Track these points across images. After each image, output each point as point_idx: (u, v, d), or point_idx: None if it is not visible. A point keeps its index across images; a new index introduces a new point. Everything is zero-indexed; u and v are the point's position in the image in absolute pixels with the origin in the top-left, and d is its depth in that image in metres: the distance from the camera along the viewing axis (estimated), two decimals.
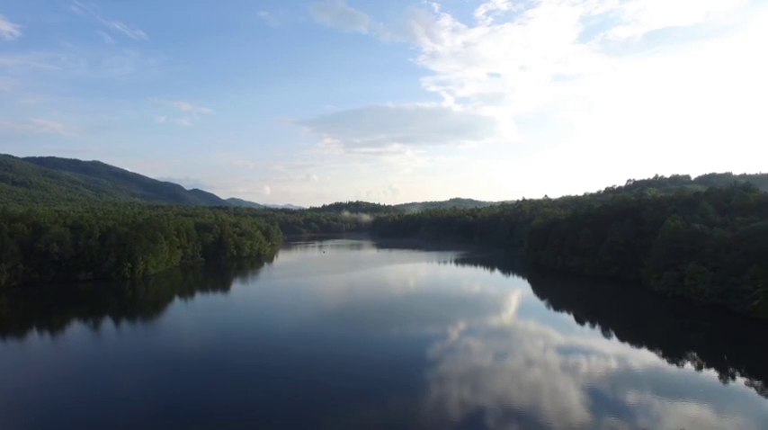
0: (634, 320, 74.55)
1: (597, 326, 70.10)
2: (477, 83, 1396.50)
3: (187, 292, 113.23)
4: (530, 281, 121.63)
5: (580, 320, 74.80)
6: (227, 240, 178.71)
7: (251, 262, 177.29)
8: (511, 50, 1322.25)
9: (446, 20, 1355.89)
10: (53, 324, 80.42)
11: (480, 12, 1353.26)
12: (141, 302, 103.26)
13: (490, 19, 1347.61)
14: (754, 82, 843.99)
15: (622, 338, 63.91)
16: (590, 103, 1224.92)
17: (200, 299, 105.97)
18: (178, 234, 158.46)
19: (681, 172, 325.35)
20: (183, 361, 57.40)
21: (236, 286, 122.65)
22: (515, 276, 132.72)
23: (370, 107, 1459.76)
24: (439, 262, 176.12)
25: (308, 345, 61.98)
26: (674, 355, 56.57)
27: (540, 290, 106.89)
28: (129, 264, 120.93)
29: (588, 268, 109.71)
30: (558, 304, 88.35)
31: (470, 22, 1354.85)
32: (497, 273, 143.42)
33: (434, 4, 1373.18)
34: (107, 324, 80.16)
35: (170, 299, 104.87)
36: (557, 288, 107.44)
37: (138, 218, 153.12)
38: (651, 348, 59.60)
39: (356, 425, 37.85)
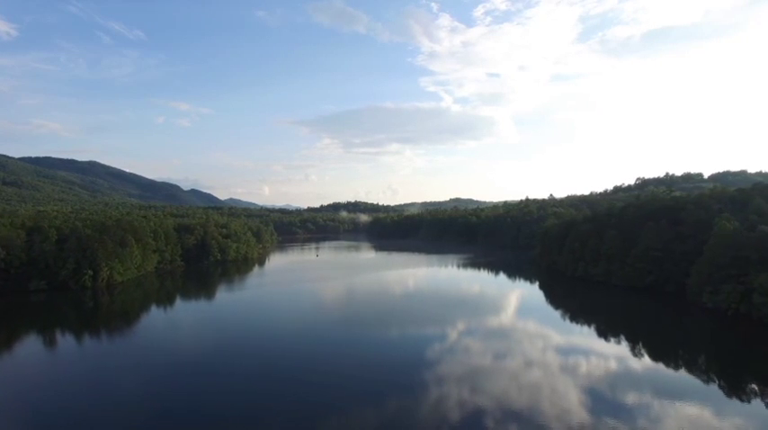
0: (689, 345, 59.98)
1: (646, 352, 55.36)
2: (476, 83, 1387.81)
3: (157, 303, 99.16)
4: (547, 291, 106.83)
5: (621, 341, 59.94)
6: (211, 243, 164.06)
7: (237, 266, 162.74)
8: (510, 50, 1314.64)
9: (445, 20, 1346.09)
10: None
11: (479, 11, 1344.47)
12: (104, 315, 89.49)
13: (489, 19, 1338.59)
14: (754, 81, 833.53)
15: (679, 367, 49.41)
16: (589, 102, 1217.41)
17: (170, 311, 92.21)
18: (155, 236, 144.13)
19: (685, 170, 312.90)
20: (145, 380, 50.02)
21: (211, 295, 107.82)
22: (530, 285, 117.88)
23: (369, 107, 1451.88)
24: (442, 266, 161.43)
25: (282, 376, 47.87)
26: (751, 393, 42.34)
27: (561, 302, 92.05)
28: (90, 272, 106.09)
29: (616, 276, 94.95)
30: (587, 320, 73.52)
31: (469, 22, 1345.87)
32: (509, 280, 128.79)
33: (433, 4, 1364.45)
34: (58, 340, 69.73)
35: (136, 311, 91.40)
36: (581, 300, 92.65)
37: (108, 219, 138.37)
38: (716, 381, 45.60)
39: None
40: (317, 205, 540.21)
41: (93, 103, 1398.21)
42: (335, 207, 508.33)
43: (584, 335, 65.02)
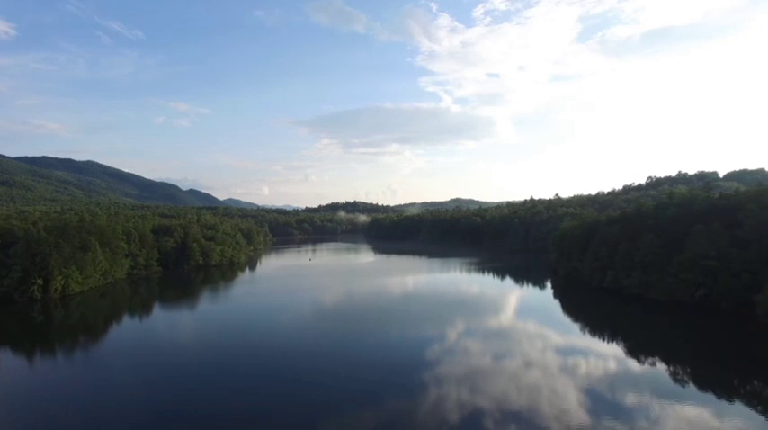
0: None
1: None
2: (475, 83, 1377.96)
3: (122, 316, 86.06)
4: (571, 305, 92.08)
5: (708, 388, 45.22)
6: (192, 246, 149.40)
7: (222, 271, 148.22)
8: (509, 50, 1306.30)
9: (444, 19, 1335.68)
10: None
11: (478, 11, 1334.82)
12: (55, 331, 76.37)
13: (488, 19, 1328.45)
14: (753, 81, 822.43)
15: None
16: (589, 102, 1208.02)
17: (137, 325, 79.72)
18: (128, 239, 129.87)
19: (698, 169, 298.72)
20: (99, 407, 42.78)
21: (181, 308, 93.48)
22: (549, 296, 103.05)
23: (369, 107, 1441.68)
24: (447, 272, 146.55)
25: None
26: None
27: (592, 320, 77.09)
28: (40, 281, 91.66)
29: (655, 289, 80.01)
30: (635, 346, 58.69)
31: (468, 22, 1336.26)
32: (525, 291, 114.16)
33: (432, 4, 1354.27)
34: None
35: (97, 325, 79.29)
36: (620, 318, 77.61)
37: (72, 220, 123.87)
38: None
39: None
40: (316, 205, 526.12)
41: (92, 103, 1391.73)
42: (334, 207, 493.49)
43: (639, 370, 50.10)
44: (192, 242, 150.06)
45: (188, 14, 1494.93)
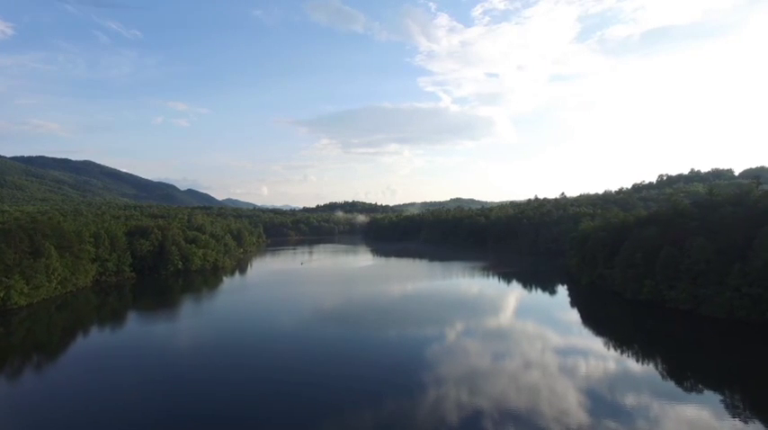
0: None
1: None
2: (474, 83, 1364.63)
3: (78, 333, 74.19)
4: (608, 322, 78.12)
5: None
6: (171, 249, 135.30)
7: (204, 277, 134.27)
8: (508, 50, 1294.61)
9: (443, 19, 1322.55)
10: None
11: (477, 11, 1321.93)
12: None
13: (487, 18, 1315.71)
14: (753, 80, 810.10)
15: None
16: (589, 102, 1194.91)
17: (93, 344, 68.16)
18: (96, 241, 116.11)
19: (713, 166, 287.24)
20: None
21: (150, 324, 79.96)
22: (572, 309, 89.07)
23: (368, 107, 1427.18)
24: (453, 278, 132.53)
25: None
26: None
27: (644, 346, 63.18)
28: None
29: (709, 304, 65.90)
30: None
31: (467, 22, 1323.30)
32: (543, 302, 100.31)
33: (431, 4, 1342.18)
34: None
35: (47, 346, 67.06)
36: (680, 343, 63.69)
37: (31, 221, 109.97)
38: None
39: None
40: (316, 206, 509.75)
41: (91, 102, 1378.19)
42: (332, 207, 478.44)
43: None
44: (170, 245, 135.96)
45: (185, 13, 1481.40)
